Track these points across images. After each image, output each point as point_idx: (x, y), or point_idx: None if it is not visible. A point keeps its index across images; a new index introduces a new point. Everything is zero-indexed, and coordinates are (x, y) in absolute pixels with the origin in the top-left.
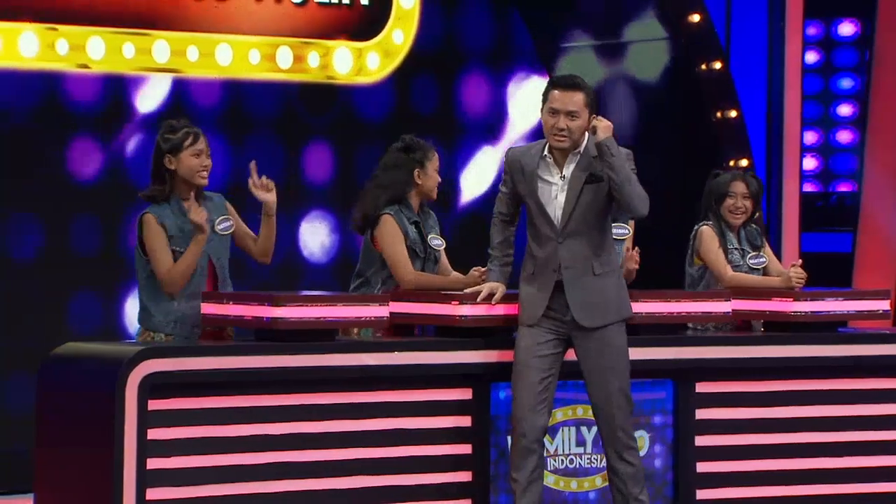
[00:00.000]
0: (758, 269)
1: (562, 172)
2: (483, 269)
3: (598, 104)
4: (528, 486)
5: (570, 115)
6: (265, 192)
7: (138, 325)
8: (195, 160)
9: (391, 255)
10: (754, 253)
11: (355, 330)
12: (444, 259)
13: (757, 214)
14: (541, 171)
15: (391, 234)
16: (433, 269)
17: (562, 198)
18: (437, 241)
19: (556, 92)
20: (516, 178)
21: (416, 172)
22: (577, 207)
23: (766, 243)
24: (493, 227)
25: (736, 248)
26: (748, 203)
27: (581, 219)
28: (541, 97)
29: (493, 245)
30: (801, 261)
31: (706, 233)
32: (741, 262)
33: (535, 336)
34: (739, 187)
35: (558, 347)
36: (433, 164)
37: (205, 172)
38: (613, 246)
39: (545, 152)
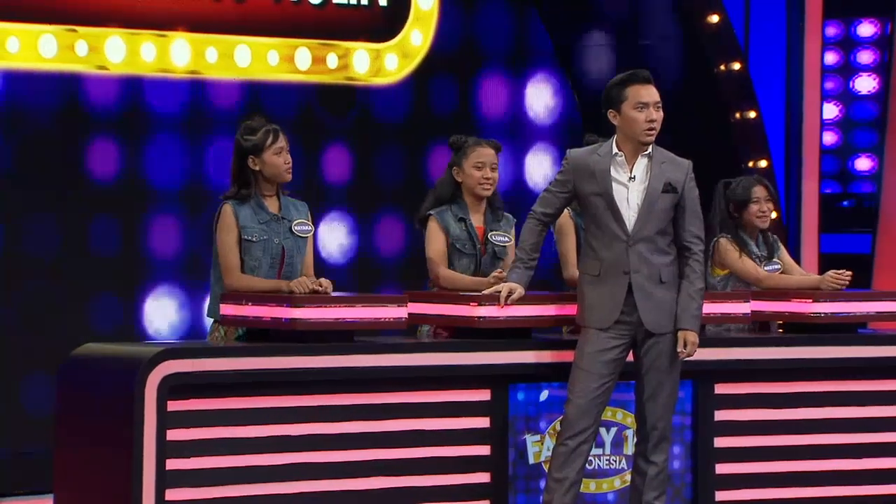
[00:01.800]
0: None
1: (631, 173)
2: (502, 273)
3: None
4: (571, 486)
5: (657, 105)
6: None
7: (210, 319)
8: (278, 158)
9: (427, 255)
10: (769, 260)
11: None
12: (510, 259)
13: (775, 215)
14: (613, 171)
15: (428, 235)
16: (495, 266)
17: (633, 199)
18: (500, 238)
19: (637, 87)
20: (581, 179)
21: (454, 171)
22: (652, 213)
23: (783, 247)
24: (528, 228)
25: (756, 256)
26: (771, 206)
27: (653, 225)
28: (605, 100)
29: (523, 245)
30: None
31: (724, 244)
32: None
33: (603, 341)
34: (761, 191)
35: (623, 352)
36: (470, 160)
37: (289, 167)
38: (675, 255)
39: (616, 151)
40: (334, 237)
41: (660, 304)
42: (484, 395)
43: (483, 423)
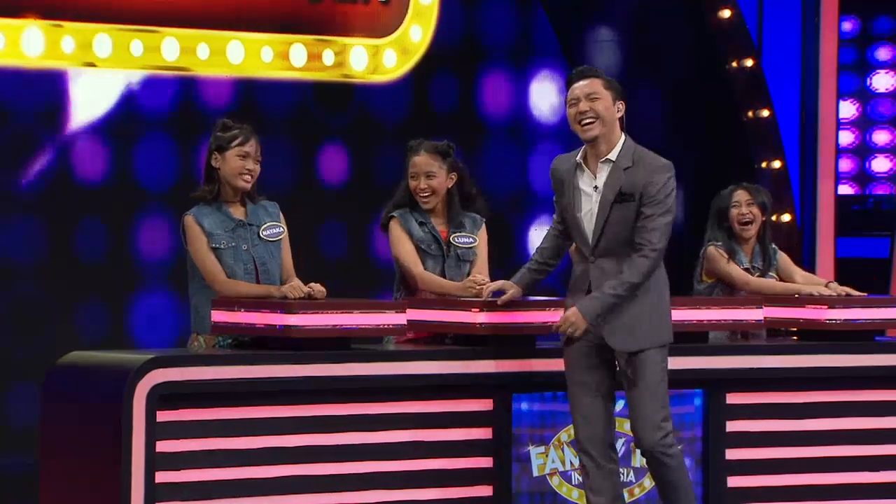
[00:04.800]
0: None
1: (595, 181)
2: (480, 281)
3: (622, 90)
4: (613, 502)
5: (589, 97)
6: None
7: (192, 331)
8: (239, 161)
9: (399, 257)
10: (763, 274)
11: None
12: (481, 262)
13: (775, 217)
14: (578, 182)
15: (393, 238)
16: (460, 269)
17: (595, 211)
18: (463, 240)
19: (572, 85)
20: (558, 190)
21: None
22: (608, 226)
23: (785, 259)
24: (547, 233)
25: (746, 268)
26: (754, 210)
27: (613, 238)
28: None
29: (538, 248)
30: (835, 283)
31: (713, 252)
32: None
33: (578, 352)
34: (741, 195)
35: (600, 357)
36: (408, 170)
37: (248, 176)
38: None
39: (578, 159)
40: (330, 239)
41: (624, 317)
42: (486, 404)
43: (485, 434)
